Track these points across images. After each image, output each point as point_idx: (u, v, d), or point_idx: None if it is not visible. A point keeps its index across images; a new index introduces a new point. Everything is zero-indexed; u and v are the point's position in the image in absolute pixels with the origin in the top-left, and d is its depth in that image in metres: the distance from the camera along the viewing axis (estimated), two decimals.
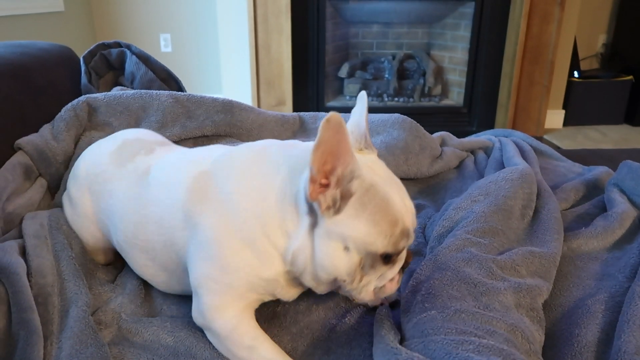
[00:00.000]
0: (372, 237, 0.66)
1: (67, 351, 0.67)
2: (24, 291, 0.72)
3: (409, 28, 3.59)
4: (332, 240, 0.67)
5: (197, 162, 0.79)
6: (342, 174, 0.64)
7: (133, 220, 0.82)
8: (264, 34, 3.07)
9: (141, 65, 1.37)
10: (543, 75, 3.24)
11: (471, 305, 0.72)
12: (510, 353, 0.62)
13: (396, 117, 1.33)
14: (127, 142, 0.93)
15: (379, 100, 3.48)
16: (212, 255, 0.71)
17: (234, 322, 0.71)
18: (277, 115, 1.34)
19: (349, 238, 0.66)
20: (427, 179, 1.30)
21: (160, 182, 0.81)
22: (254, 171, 0.72)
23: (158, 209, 0.79)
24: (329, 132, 0.60)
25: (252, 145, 0.79)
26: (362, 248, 0.67)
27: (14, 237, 0.88)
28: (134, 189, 0.84)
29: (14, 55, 1.19)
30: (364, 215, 0.66)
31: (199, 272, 0.73)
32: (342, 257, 0.67)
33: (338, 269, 0.68)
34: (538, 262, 0.87)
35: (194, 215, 0.73)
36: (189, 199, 0.75)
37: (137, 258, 0.84)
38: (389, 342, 0.68)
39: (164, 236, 0.78)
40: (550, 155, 1.43)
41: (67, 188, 0.97)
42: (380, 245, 0.67)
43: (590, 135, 3.47)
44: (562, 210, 1.11)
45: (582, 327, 0.73)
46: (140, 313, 0.82)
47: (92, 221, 0.91)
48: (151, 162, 0.86)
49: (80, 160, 0.97)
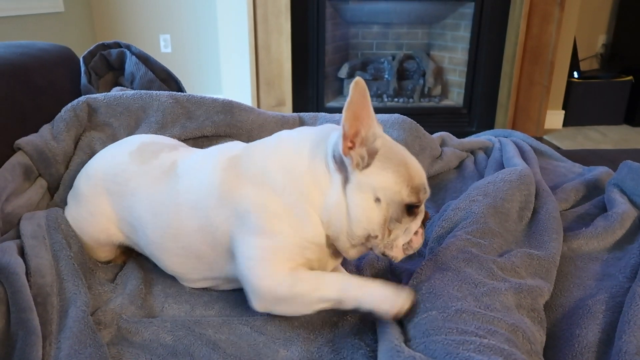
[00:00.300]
0: (399, 186, 0.74)
1: (65, 351, 0.67)
2: (23, 291, 0.72)
3: (408, 28, 3.59)
4: (364, 193, 0.74)
5: (225, 150, 0.85)
6: (366, 135, 0.72)
7: (165, 211, 0.84)
8: (263, 34, 3.07)
9: (141, 66, 1.37)
10: (543, 76, 3.24)
11: (472, 305, 0.72)
12: (512, 352, 0.62)
13: (396, 118, 1.33)
14: (145, 144, 0.95)
15: (378, 101, 3.48)
16: (255, 224, 0.76)
17: (289, 281, 0.75)
18: (277, 116, 1.33)
19: (379, 188, 0.74)
20: (427, 179, 1.29)
21: (191, 172, 0.85)
22: (282, 148, 0.80)
23: (191, 195, 0.82)
24: (356, 94, 0.69)
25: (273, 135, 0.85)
26: (390, 197, 0.74)
27: (12, 237, 0.88)
28: (161, 182, 0.86)
29: (13, 56, 1.18)
30: (389, 166, 0.74)
31: (245, 244, 0.76)
32: (374, 208, 0.75)
33: (372, 221, 0.75)
34: (537, 263, 0.87)
35: (232, 191, 0.78)
36: (224, 179, 0.79)
37: (169, 248, 0.85)
38: (393, 339, 0.68)
39: (199, 219, 0.81)
40: (551, 155, 1.43)
41: (76, 187, 0.96)
42: (405, 194, 0.75)
43: (590, 135, 3.47)
44: (563, 210, 1.11)
45: (583, 328, 0.73)
46: (141, 313, 0.81)
47: (110, 220, 0.91)
48: (177, 157, 0.89)
49: (94, 161, 0.97)
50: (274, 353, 0.74)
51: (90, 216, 0.92)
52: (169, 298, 0.87)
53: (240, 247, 0.77)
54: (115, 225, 0.91)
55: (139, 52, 1.40)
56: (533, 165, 1.24)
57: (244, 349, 0.74)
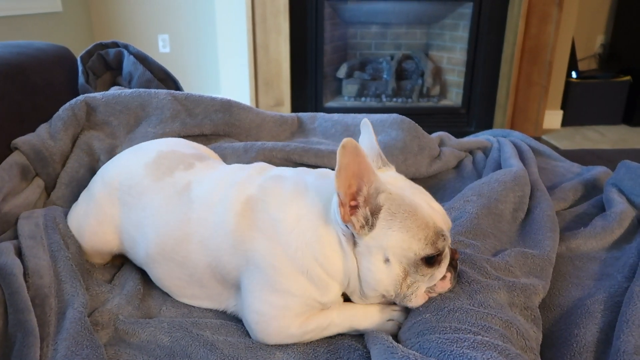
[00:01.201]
0: (407, 243, 0.70)
1: (62, 352, 0.67)
2: (21, 292, 0.72)
3: (407, 29, 3.59)
4: (372, 255, 0.71)
5: (242, 185, 0.80)
6: (368, 192, 0.69)
7: (173, 235, 0.81)
8: (262, 34, 3.07)
9: (139, 66, 1.36)
10: (541, 76, 3.24)
11: (465, 303, 0.72)
12: (506, 348, 0.62)
13: (395, 117, 1.33)
14: (162, 155, 0.91)
15: (377, 101, 3.48)
16: (267, 281, 0.74)
17: (298, 334, 0.75)
18: (275, 116, 1.33)
19: (387, 248, 0.70)
20: (426, 179, 1.30)
21: (205, 202, 0.81)
22: (298, 200, 0.75)
23: (203, 230, 0.79)
24: (346, 157, 0.65)
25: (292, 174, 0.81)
26: (401, 255, 0.71)
27: (9, 237, 0.88)
28: (173, 204, 0.83)
29: (11, 55, 1.18)
30: (395, 223, 0.70)
31: (255, 297, 0.75)
32: (383, 270, 0.71)
33: (382, 283, 0.72)
34: (531, 262, 0.87)
35: (246, 242, 0.75)
36: (239, 225, 0.76)
37: (171, 271, 0.83)
38: (385, 340, 0.68)
39: (209, 257, 0.79)
40: (549, 155, 1.43)
41: (91, 190, 0.94)
42: (417, 249, 0.70)
43: (588, 135, 3.47)
44: (561, 210, 1.12)
45: (581, 327, 0.73)
46: (138, 314, 0.81)
47: (114, 228, 0.89)
48: (191, 178, 0.85)
49: (112, 167, 0.94)
50: (271, 355, 0.73)
51: (97, 223, 0.90)
52: (167, 301, 0.86)
53: (249, 298, 0.75)
54: (119, 235, 0.89)
55: (137, 52, 1.40)
56: (530, 165, 1.24)
57: (241, 350, 0.74)
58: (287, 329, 0.74)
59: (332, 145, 1.27)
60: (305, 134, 1.35)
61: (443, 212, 0.75)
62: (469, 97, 3.37)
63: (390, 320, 0.76)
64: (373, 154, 0.81)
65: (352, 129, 1.35)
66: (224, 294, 0.81)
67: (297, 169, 0.84)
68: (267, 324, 0.74)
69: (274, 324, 0.74)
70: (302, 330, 0.75)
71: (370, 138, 0.82)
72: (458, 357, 0.60)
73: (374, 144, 0.81)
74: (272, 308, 0.74)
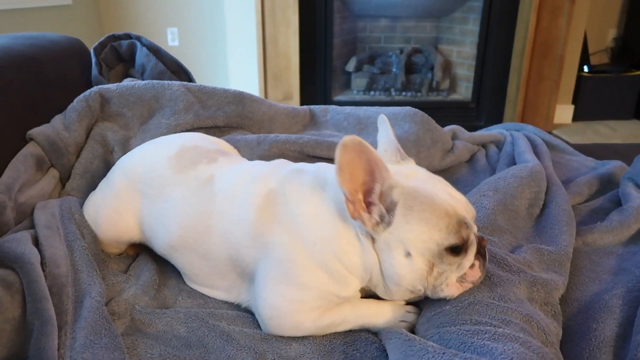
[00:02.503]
0: (427, 235, 0.69)
1: (81, 341, 0.67)
2: (39, 281, 0.72)
3: (417, 22, 3.57)
4: (392, 250, 0.70)
5: (264, 179, 0.80)
6: (381, 189, 0.69)
7: (196, 228, 0.82)
8: (271, 27, 3.06)
9: (151, 57, 1.36)
10: (552, 70, 3.21)
11: (486, 296, 0.72)
12: (527, 340, 0.61)
13: (408, 110, 1.32)
14: (185, 149, 0.91)
15: (386, 95, 3.46)
16: (284, 274, 0.74)
17: (311, 328, 0.75)
18: (287, 108, 1.33)
19: (406, 242, 0.69)
20: (438, 173, 1.28)
21: (227, 196, 0.81)
22: (317, 195, 0.75)
23: (224, 223, 0.80)
24: (347, 154, 0.65)
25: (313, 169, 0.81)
26: (423, 248, 0.69)
27: (26, 227, 0.88)
28: (196, 196, 0.83)
29: (24, 47, 1.18)
30: (412, 217, 0.69)
31: (271, 290, 0.74)
32: (405, 265, 0.70)
33: (405, 278, 0.71)
34: (548, 258, 0.86)
35: (265, 235, 0.75)
36: (259, 218, 0.76)
37: (193, 261, 0.84)
38: (400, 333, 0.68)
39: (229, 250, 0.79)
40: (563, 149, 1.42)
41: (110, 180, 0.94)
42: (438, 239, 0.69)
43: (599, 130, 3.44)
44: (576, 204, 1.11)
45: (600, 322, 0.72)
46: (154, 305, 0.81)
47: (134, 218, 0.89)
48: (214, 172, 0.86)
49: (133, 159, 0.94)
50: (287, 346, 0.73)
51: (115, 213, 0.90)
52: (183, 292, 0.87)
53: (263, 292, 0.75)
54: (139, 226, 0.90)
55: (150, 44, 1.40)
56: (545, 159, 1.23)
57: (257, 341, 0.74)
58: (301, 324, 0.74)
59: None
60: (318, 126, 1.35)
61: (465, 200, 0.74)
62: (479, 91, 3.35)
63: (403, 321, 0.76)
64: (392, 148, 0.81)
65: (364, 121, 1.34)
66: (241, 287, 0.82)
67: (318, 164, 0.83)
68: (281, 319, 0.74)
69: (288, 319, 0.74)
70: (316, 325, 0.75)
71: (388, 133, 0.82)
72: (479, 348, 0.60)
73: (392, 139, 0.81)
74: (287, 302, 0.74)
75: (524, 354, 0.57)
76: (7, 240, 0.79)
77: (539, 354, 0.59)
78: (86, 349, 0.66)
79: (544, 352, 0.60)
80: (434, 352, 0.60)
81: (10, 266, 0.76)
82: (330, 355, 0.72)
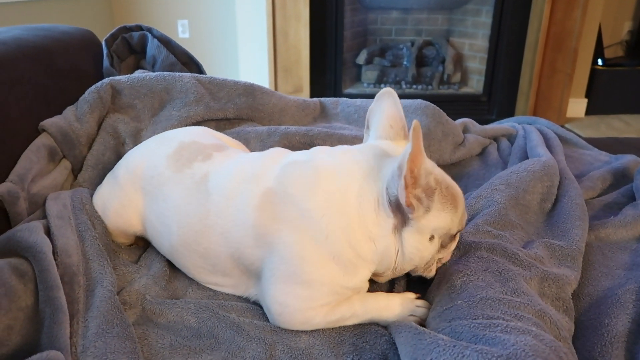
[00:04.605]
0: (450, 222, 0.73)
1: (93, 330, 0.67)
2: (51, 269, 0.73)
3: (428, 14, 3.53)
4: (421, 235, 0.72)
5: (258, 177, 0.78)
6: (418, 173, 0.67)
7: (194, 228, 0.81)
8: (281, 20, 3.05)
9: (162, 49, 1.36)
10: (566, 63, 3.16)
11: (498, 291, 0.71)
12: (540, 334, 0.61)
13: (419, 103, 1.31)
14: (183, 145, 0.90)
15: (397, 88, 3.44)
16: (293, 272, 0.73)
17: (321, 323, 0.75)
18: (298, 100, 1.32)
19: (437, 229, 0.73)
20: (449, 166, 1.28)
21: (222, 194, 0.79)
22: (323, 185, 0.73)
23: (223, 222, 0.78)
24: (419, 141, 0.63)
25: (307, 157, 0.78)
26: (442, 233, 0.74)
27: (38, 217, 0.89)
28: (192, 195, 0.82)
29: (36, 39, 1.19)
30: (447, 205, 0.72)
31: (279, 288, 0.74)
32: (427, 247, 0.74)
33: (423, 258, 0.75)
34: (559, 253, 0.86)
35: (269, 234, 0.74)
36: (260, 219, 0.74)
37: (194, 261, 0.83)
38: (410, 327, 0.67)
39: (230, 249, 0.78)
40: (576, 143, 1.40)
41: (115, 174, 0.94)
42: (453, 227, 0.74)
43: (613, 124, 3.39)
44: (589, 199, 1.09)
45: (612, 317, 0.72)
46: (165, 295, 0.82)
47: (138, 215, 0.90)
48: (209, 169, 0.84)
49: (136, 155, 0.94)
50: (296, 337, 0.74)
51: (121, 206, 0.91)
52: (193, 283, 0.87)
53: (271, 290, 0.74)
54: (142, 223, 0.90)
55: (161, 35, 1.40)
56: (557, 153, 1.22)
57: (267, 332, 0.74)
58: (311, 320, 0.74)
59: (355, 130, 1.25)
60: (328, 119, 1.34)
61: None
62: (491, 84, 3.31)
63: (412, 315, 0.76)
64: (398, 125, 0.79)
65: None
66: (248, 283, 0.81)
67: (311, 151, 0.81)
68: (291, 315, 0.74)
69: (298, 315, 0.74)
70: (326, 320, 0.74)
71: (397, 107, 0.79)
72: (490, 340, 0.59)
73: (400, 114, 0.79)
74: (297, 299, 0.73)
75: (536, 346, 0.57)
76: (19, 230, 0.80)
77: (551, 347, 0.58)
78: (98, 338, 0.67)
79: (556, 346, 0.59)
80: (445, 345, 0.59)
81: (23, 255, 0.77)
82: (340, 347, 0.72)
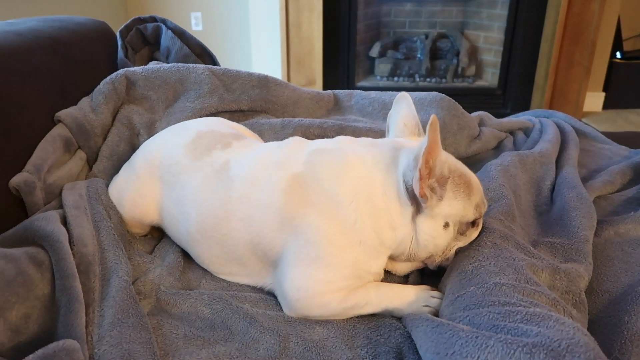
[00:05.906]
0: (465, 210, 0.76)
1: (109, 319, 0.68)
2: (67, 259, 0.73)
3: (442, 6, 3.49)
4: (435, 221, 0.75)
5: (284, 163, 0.80)
6: (434, 164, 0.71)
7: (213, 214, 0.81)
8: (295, 12, 3.03)
9: (176, 40, 1.36)
10: (583, 56, 3.11)
11: (511, 278, 0.70)
12: (559, 318, 0.60)
13: (434, 96, 1.29)
14: (201, 134, 0.91)
15: (410, 81, 3.41)
16: (317, 255, 0.74)
17: (338, 309, 0.75)
18: (312, 92, 1.32)
19: (449, 216, 0.75)
20: (465, 159, 1.27)
21: (245, 180, 0.81)
22: (351, 172, 0.76)
23: (245, 208, 0.79)
24: (435, 134, 0.67)
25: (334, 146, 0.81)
26: (459, 220, 0.77)
27: (54, 207, 0.90)
28: (212, 183, 0.83)
29: (52, 30, 1.19)
30: (459, 193, 0.75)
31: (298, 271, 0.74)
32: (442, 235, 0.76)
33: (438, 246, 0.77)
34: (562, 250, 0.84)
35: (296, 217, 0.75)
36: (287, 202, 0.76)
37: (210, 249, 0.84)
38: (426, 319, 0.66)
39: (250, 234, 0.79)
40: (595, 137, 1.38)
41: (133, 164, 0.95)
42: (470, 214, 0.77)
43: (630, 118, 3.33)
44: (609, 193, 1.07)
45: (632, 314, 0.70)
46: (179, 286, 0.82)
47: (155, 204, 0.90)
48: (229, 157, 0.85)
49: (154, 145, 0.95)
50: (310, 329, 0.73)
51: (138, 196, 0.91)
52: (207, 274, 0.87)
53: (291, 273, 0.75)
54: (159, 212, 0.90)
55: (175, 27, 1.40)
56: (570, 147, 1.21)
57: (281, 324, 0.74)
58: (328, 304, 0.74)
59: (369, 123, 1.24)
60: (342, 111, 1.33)
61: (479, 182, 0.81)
62: (506, 77, 3.27)
63: (427, 306, 0.76)
64: (412, 123, 0.85)
65: (389, 107, 1.31)
66: (262, 272, 0.82)
67: (337, 139, 0.84)
68: (309, 299, 0.74)
69: (316, 299, 0.74)
70: (342, 306, 0.75)
71: (410, 108, 0.86)
72: (512, 330, 0.58)
73: (414, 114, 0.86)
74: (316, 282, 0.74)
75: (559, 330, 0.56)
76: (36, 219, 0.80)
77: (574, 327, 0.57)
78: (114, 327, 0.67)
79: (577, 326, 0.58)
80: (467, 337, 0.58)
81: (40, 244, 0.77)
82: (354, 340, 0.72)
